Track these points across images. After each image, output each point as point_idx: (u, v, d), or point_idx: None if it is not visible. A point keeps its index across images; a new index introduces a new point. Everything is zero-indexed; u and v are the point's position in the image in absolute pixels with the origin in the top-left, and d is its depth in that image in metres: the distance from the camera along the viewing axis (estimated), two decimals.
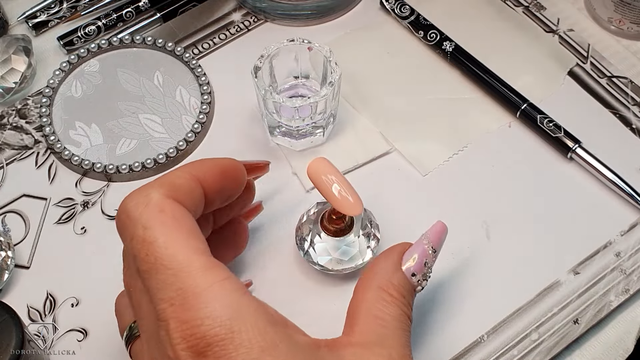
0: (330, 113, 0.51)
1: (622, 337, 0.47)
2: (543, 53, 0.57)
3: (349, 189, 0.41)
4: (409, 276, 0.38)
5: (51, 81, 0.55)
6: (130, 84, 0.56)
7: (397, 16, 0.58)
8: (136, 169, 0.52)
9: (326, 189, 0.41)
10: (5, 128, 0.54)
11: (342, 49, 0.56)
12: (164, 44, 0.57)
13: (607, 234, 0.49)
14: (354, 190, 0.41)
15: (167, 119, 0.54)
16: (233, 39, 0.58)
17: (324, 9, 0.59)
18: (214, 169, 0.38)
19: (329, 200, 0.41)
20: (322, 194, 0.41)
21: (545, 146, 0.53)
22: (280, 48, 0.50)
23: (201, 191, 0.37)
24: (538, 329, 0.46)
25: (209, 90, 0.55)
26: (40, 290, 0.48)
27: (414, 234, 0.40)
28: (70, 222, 0.50)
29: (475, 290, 0.47)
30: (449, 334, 0.46)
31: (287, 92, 0.53)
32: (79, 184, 0.52)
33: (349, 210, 0.41)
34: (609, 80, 0.56)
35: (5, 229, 0.50)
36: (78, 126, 0.54)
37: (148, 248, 0.32)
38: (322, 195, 0.41)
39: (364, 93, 0.55)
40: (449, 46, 0.56)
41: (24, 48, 0.55)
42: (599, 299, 0.47)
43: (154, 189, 0.34)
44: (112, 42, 0.57)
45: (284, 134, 0.52)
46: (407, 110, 0.55)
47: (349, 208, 0.41)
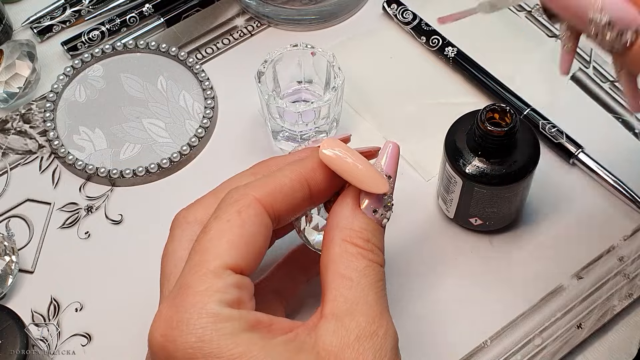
0: (334, 118, 0.51)
1: (625, 341, 0.47)
2: (546, 58, 0.57)
3: (368, 165, 0.37)
4: (371, 214, 0.36)
5: (55, 86, 0.55)
6: (134, 89, 0.56)
7: (399, 22, 0.58)
8: (140, 173, 0.52)
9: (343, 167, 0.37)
10: (9, 133, 0.54)
11: (345, 54, 0.56)
12: (168, 49, 0.57)
13: (610, 239, 0.49)
14: (374, 167, 0.38)
15: (171, 124, 0.54)
16: (236, 43, 0.59)
17: (326, 14, 0.59)
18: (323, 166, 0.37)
19: (349, 178, 0.37)
20: (343, 175, 0.37)
21: (548, 151, 0.53)
22: (283, 53, 0.50)
23: (305, 192, 0.36)
24: (541, 334, 0.46)
25: (213, 95, 0.55)
26: (44, 294, 0.48)
27: (417, 238, 0.40)
28: (74, 226, 0.51)
29: (478, 295, 0.47)
30: (452, 339, 0.46)
31: (290, 97, 0.54)
32: (83, 189, 0.52)
33: (372, 187, 0.37)
34: (611, 85, 0.56)
35: (9, 233, 0.50)
36: (82, 131, 0.54)
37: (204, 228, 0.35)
38: (341, 174, 0.37)
39: (367, 98, 0.56)
40: (452, 51, 0.56)
41: (28, 53, 0.55)
42: (603, 304, 0.47)
43: (256, 189, 0.35)
44: (116, 47, 0.57)
45: (287, 139, 0.52)
46: (410, 115, 0.55)
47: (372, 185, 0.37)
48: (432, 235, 0.50)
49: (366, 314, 0.34)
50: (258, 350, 0.32)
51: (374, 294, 0.35)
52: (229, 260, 0.33)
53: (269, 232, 0.36)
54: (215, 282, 0.33)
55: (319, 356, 0.33)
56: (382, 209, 0.37)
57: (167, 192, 0.52)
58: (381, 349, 0.33)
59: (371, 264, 0.35)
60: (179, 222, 0.38)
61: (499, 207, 0.47)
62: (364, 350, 0.33)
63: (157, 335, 0.33)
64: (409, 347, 0.45)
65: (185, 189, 0.52)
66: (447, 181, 0.47)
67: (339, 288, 0.34)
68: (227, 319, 0.32)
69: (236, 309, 0.33)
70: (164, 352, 0.33)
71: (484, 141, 0.44)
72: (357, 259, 0.35)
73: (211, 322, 0.32)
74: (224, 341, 0.32)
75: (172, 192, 0.52)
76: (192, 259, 0.34)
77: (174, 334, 0.32)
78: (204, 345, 0.32)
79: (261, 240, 0.35)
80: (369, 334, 0.33)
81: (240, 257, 0.34)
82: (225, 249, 0.34)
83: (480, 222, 0.48)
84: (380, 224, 0.37)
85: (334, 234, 0.36)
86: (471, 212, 0.47)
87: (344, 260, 0.35)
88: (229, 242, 0.34)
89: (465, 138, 0.45)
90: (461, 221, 0.49)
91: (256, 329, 0.33)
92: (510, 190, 0.45)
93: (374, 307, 0.34)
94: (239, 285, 0.33)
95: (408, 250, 0.49)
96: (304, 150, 0.40)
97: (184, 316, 0.32)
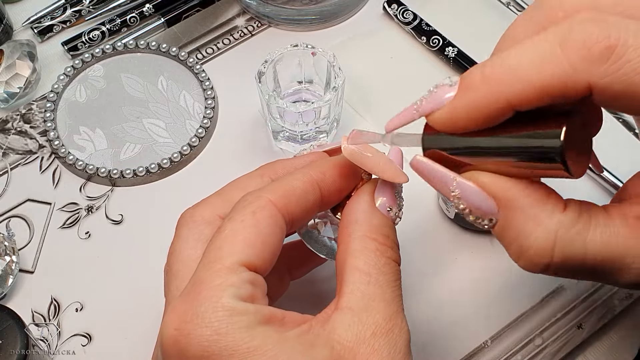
0: (334, 118, 0.51)
1: (625, 341, 0.47)
2: None
3: (389, 159, 0.38)
4: (385, 212, 0.37)
5: (55, 86, 0.55)
6: (134, 89, 0.56)
7: (399, 22, 0.58)
8: (140, 173, 0.52)
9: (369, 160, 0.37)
10: (10, 133, 0.55)
11: (346, 54, 0.56)
12: (168, 49, 0.57)
13: None
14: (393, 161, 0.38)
15: (171, 124, 0.54)
16: (237, 44, 0.59)
17: (327, 14, 0.59)
18: (333, 170, 0.38)
19: (376, 171, 0.37)
20: (366, 167, 0.38)
21: None
22: (284, 53, 0.50)
23: (317, 194, 0.37)
24: (542, 334, 0.46)
25: (213, 95, 0.55)
26: (45, 294, 0.48)
27: (418, 237, 0.41)
28: (75, 226, 0.51)
29: (478, 295, 0.47)
30: (452, 339, 0.46)
31: (290, 97, 0.54)
32: (83, 189, 0.52)
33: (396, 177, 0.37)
34: None
35: (9, 233, 0.50)
36: (82, 131, 0.54)
37: (218, 229, 0.35)
38: (366, 168, 0.38)
39: (368, 98, 0.56)
40: (452, 52, 0.56)
41: (29, 53, 0.55)
42: (603, 304, 0.47)
43: (270, 192, 0.35)
44: (116, 47, 0.57)
45: (287, 139, 0.52)
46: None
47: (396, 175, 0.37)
48: (433, 235, 0.50)
49: (383, 310, 0.34)
50: (273, 343, 0.32)
51: (391, 292, 0.35)
52: (244, 257, 0.33)
53: (283, 234, 0.36)
54: (230, 277, 0.33)
55: (334, 350, 0.33)
56: (395, 207, 0.37)
57: (168, 192, 0.52)
58: (396, 347, 0.34)
59: (389, 262, 0.36)
60: (185, 220, 0.38)
61: None
62: (380, 346, 0.33)
63: (170, 329, 0.33)
64: None
65: (186, 189, 0.52)
66: None
67: (357, 282, 0.35)
68: (243, 312, 0.32)
69: (250, 303, 0.33)
70: (177, 347, 0.32)
71: None
72: (376, 255, 0.35)
73: (227, 316, 0.32)
74: (239, 334, 0.32)
75: (173, 192, 0.52)
76: (207, 256, 0.34)
77: (188, 327, 0.32)
78: (220, 338, 0.31)
79: (275, 241, 0.35)
80: (385, 331, 0.34)
81: (255, 256, 0.34)
82: (240, 246, 0.34)
83: None
84: (394, 222, 0.37)
85: (353, 229, 0.36)
86: None
87: (364, 255, 0.35)
88: (244, 241, 0.34)
89: None
90: (461, 221, 0.49)
91: (270, 322, 0.33)
92: None
93: (390, 304, 0.34)
94: (252, 282, 0.33)
95: (408, 250, 0.49)
96: (310, 155, 0.41)
97: (199, 309, 0.32)
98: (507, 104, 0.30)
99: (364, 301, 0.34)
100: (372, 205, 0.37)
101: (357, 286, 0.35)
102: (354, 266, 0.35)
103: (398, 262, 0.36)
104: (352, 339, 0.33)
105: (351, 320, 0.33)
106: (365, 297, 0.34)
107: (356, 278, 0.35)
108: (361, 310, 0.34)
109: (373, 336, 0.33)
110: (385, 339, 0.33)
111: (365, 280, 0.35)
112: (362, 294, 0.34)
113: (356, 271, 0.35)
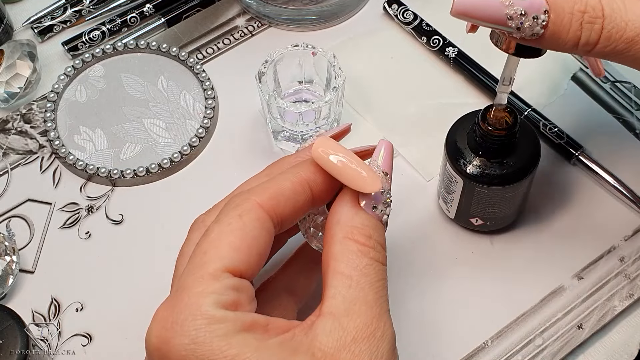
0: (334, 118, 0.51)
1: (626, 342, 0.47)
2: (546, 58, 0.57)
3: (362, 164, 0.37)
4: (370, 211, 0.36)
5: (56, 86, 0.55)
6: (134, 89, 0.56)
7: (400, 22, 0.58)
8: (140, 173, 0.52)
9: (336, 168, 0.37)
10: (10, 133, 0.55)
11: (346, 54, 0.56)
12: (168, 49, 0.57)
13: (611, 239, 0.49)
14: (368, 166, 0.37)
15: (172, 124, 0.54)
16: (237, 44, 0.59)
17: (327, 14, 0.59)
18: (322, 170, 0.37)
19: (342, 179, 0.37)
20: (333, 174, 0.37)
21: (548, 151, 0.53)
22: (284, 53, 0.50)
23: (307, 194, 0.36)
24: (542, 334, 0.46)
25: (213, 95, 0.55)
26: (45, 295, 0.48)
27: (418, 238, 0.40)
28: (75, 226, 0.51)
29: (479, 295, 0.47)
30: (452, 340, 0.46)
31: (291, 97, 0.54)
32: (84, 189, 0.52)
33: (365, 186, 0.37)
34: (612, 85, 0.56)
35: (9, 233, 0.50)
36: (82, 131, 0.54)
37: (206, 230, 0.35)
38: (334, 175, 0.37)
39: (368, 98, 0.56)
40: (452, 52, 0.56)
41: (29, 53, 0.55)
42: (603, 304, 0.47)
43: (257, 194, 0.35)
44: (116, 47, 0.57)
45: (287, 139, 0.52)
46: (411, 115, 0.55)
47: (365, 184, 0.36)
48: (433, 235, 0.50)
49: (364, 314, 0.34)
50: (252, 351, 0.31)
51: (373, 294, 0.34)
52: (228, 262, 0.33)
53: (271, 236, 0.35)
54: (212, 283, 0.33)
55: (314, 357, 0.32)
56: (381, 205, 0.37)
57: (168, 192, 0.52)
58: (377, 351, 0.33)
59: (372, 262, 0.35)
60: (197, 225, 0.38)
61: (499, 207, 0.47)
62: (360, 352, 0.33)
63: (152, 337, 0.33)
64: (409, 347, 0.45)
65: (186, 189, 0.52)
66: (447, 181, 0.47)
67: (338, 286, 0.34)
68: (221, 320, 0.32)
69: (232, 310, 0.33)
70: (159, 354, 0.32)
71: (485, 141, 0.44)
72: (357, 256, 0.35)
73: (205, 324, 0.32)
74: (217, 343, 0.31)
75: (173, 192, 0.52)
76: (192, 261, 0.34)
77: (168, 335, 0.32)
78: (197, 347, 0.31)
79: (262, 243, 0.35)
80: (365, 336, 0.33)
81: (240, 260, 0.34)
82: (225, 251, 0.34)
83: (481, 222, 0.48)
84: (381, 220, 0.37)
85: (335, 231, 0.36)
86: (472, 212, 0.47)
87: (345, 257, 0.35)
88: (229, 245, 0.34)
89: (466, 138, 0.45)
90: (462, 221, 0.49)
91: (252, 330, 0.32)
92: (511, 191, 0.45)
93: (373, 307, 0.34)
94: (236, 287, 0.33)
95: (408, 250, 0.49)
96: (307, 149, 0.40)
97: (179, 317, 0.32)
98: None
99: (344, 305, 0.34)
100: (355, 204, 0.36)
101: (338, 290, 0.34)
102: (336, 270, 0.35)
103: (383, 263, 0.36)
104: (333, 345, 0.33)
105: (332, 326, 0.33)
106: (347, 301, 0.34)
107: (338, 282, 0.34)
108: (342, 315, 0.33)
109: (354, 341, 0.33)
110: (366, 344, 0.33)
111: (347, 283, 0.34)
112: (344, 298, 0.34)
113: (338, 275, 0.35)
